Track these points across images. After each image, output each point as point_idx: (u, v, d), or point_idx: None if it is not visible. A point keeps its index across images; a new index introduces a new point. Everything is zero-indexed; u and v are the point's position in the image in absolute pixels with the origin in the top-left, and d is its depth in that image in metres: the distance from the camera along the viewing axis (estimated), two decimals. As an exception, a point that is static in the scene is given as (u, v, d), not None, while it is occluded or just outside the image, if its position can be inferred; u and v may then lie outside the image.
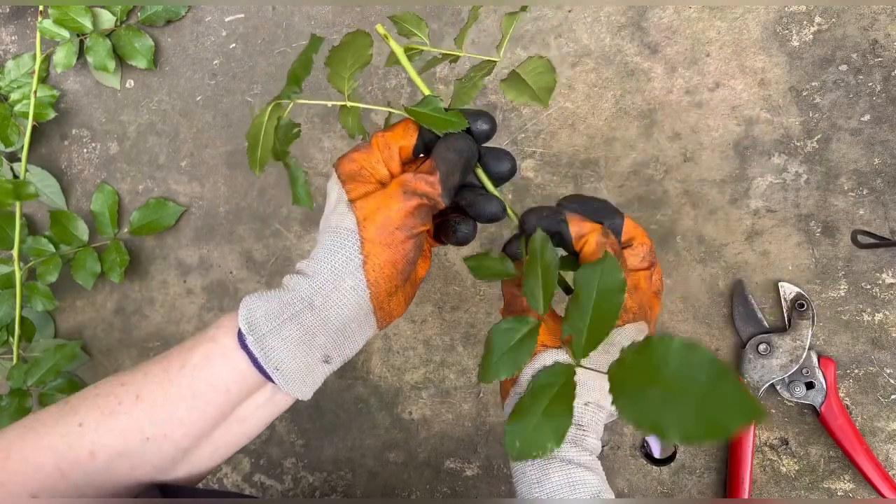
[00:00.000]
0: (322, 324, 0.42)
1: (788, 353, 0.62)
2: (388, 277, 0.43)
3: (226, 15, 0.75)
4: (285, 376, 0.43)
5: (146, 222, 0.76)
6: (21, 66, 0.78)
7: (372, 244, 0.42)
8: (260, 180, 0.75)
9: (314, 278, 0.42)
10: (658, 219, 0.66)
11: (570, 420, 0.38)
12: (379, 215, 0.42)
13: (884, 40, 0.61)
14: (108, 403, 0.43)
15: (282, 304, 0.42)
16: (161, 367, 0.44)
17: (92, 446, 0.42)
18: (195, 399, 0.43)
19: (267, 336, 0.42)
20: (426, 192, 0.43)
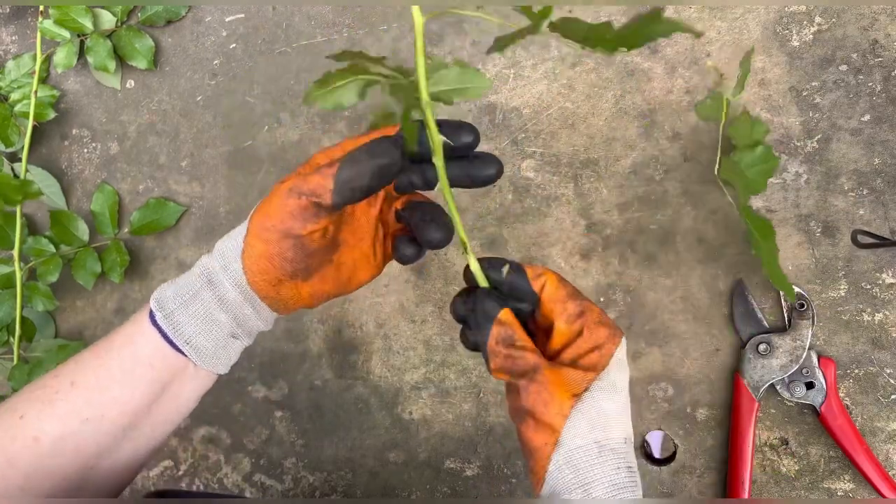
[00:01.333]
0: (219, 301, 0.45)
1: (788, 353, 0.62)
2: (262, 270, 0.44)
3: (226, 15, 0.75)
4: (198, 351, 0.45)
5: (146, 222, 0.76)
6: (21, 67, 0.78)
7: (251, 236, 0.44)
8: (260, 180, 0.75)
9: (213, 256, 0.45)
10: (658, 219, 0.66)
11: None
12: (260, 210, 0.44)
13: (884, 40, 0.61)
14: (45, 394, 0.46)
15: (187, 282, 0.45)
16: (91, 353, 0.47)
17: (34, 433, 0.44)
18: (124, 377, 0.45)
19: (174, 312, 0.44)
20: (314, 189, 0.42)
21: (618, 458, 0.41)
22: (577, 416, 0.41)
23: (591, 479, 0.40)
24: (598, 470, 0.40)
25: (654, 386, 0.67)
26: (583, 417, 0.41)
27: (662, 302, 0.66)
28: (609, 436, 0.41)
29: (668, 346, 0.66)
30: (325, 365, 0.74)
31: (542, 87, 0.68)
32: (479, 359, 0.71)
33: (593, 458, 0.41)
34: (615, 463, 0.40)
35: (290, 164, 0.74)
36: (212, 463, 0.78)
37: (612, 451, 0.41)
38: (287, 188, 0.42)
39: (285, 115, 0.74)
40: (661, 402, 0.67)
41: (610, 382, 0.42)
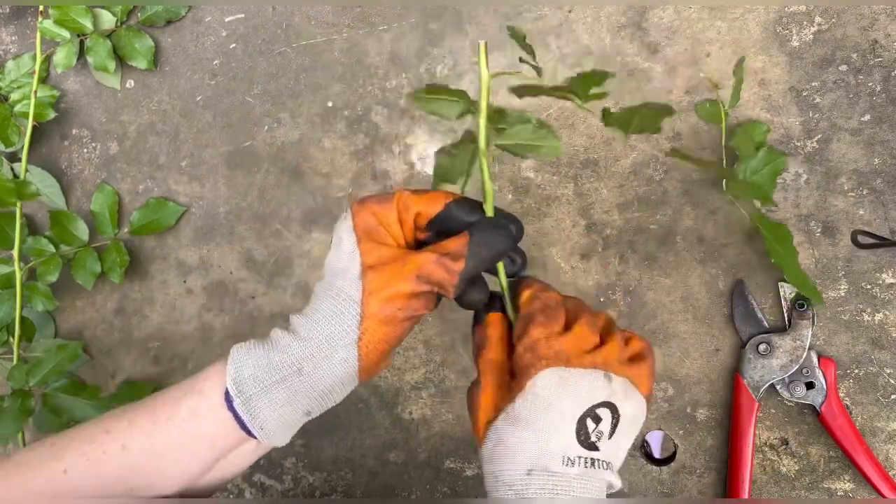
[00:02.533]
0: (308, 389, 0.43)
1: (788, 353, 0.62)
2: (379, 353, 0.43)
3: (226, 15, 0.75)
4: (268, 433, 0.44)
5: (146, 222, 0.76)
6: (21, 67, 0.78)
7: (371, 321, 0.42)
8: (260, 180, 0.75)
9: (306, 343, 0.42)
10: (658, 219, 0.66)
11: None
12: (385, 294, 0.42)
13: (884, 40, 0.61)
14: (92, 451, 0.43)
15: (271, 365, 0.43)
16: (148, 417, 0.44)
17: (76, 493, 0.43)
18: (181, 451, 0.43)
19: (254, 398, 0.43)
20: (441, 280, 0.42)
21: (508, 489, 0.41)
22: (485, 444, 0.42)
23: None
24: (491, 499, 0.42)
25: (655, 386, 0.67)
26: (485, 448, 0.42)
27: (662, 302, 0.66)
28: (503, 468, 0.41)
29: (668, 346, 0.66)
30: (325, 365, 0.74)
31: (542, 87, 0.68)
32: (479, 359, 0.71)
33: (490, 487, 0.42)
34: (504, 494, 0.41)
35: (290, 165, 0.74)
36: (212, 463, 0.77)
37: (504, 483, 0.41)
38: (414, 276, 0.42)
39: (285, 114, 0.74)
40: (661, 402, 0.67)
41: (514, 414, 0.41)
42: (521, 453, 0.41)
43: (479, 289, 0.46)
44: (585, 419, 0.41)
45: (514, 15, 0.68)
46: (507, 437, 0.41)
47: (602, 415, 0.41)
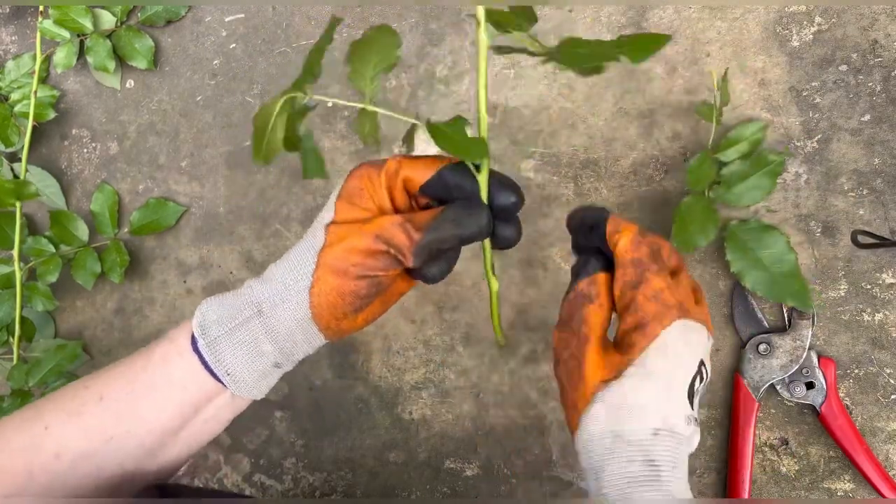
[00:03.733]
0: (268, 332, 0.43)
1: (788, 353, 0.62)
2: (331, 304, 0.43)
3: (226, 15, 0.75)
4: (237, 382, 0.44)
5: (146, 222, 0.76)
6: (21, 67, 0.78)
7: (324, 270, 0.42)
8: (260, 180, 0.75)
9: (267, 285, 0.43)
10: (658, 219, 0.66)
11: None
12: (341, 245, 0.42)
13: (884, 40, 0.61)
14: (72, 405, 0.44)
15: (234, 308, 0.43)
16: (125, 367, 0.45)
17: (57, 448, 0.43)
18: (154, 396, 0.44)
19: (218, 340, 0.43)
20: (399, 245, 0.42)
21: (633, 450, 0.39)
22: (598, 404, 0.40)
23: (602, 468, 0.40)
24: (609, 460, 0.40)
25: (654, 386, 0.67)
26: (603, 406, 0.40)
27: (662, 302, 0.66)
28: (628, 427, 0.39)
29: (668, 346, 0.66)
30: (325, 365, 0.74)
31: (542, 87, 0.68)
32: (479, 359, 0.71)
33: (605, 449, 0.40)
34: (629, 455, 0.39)
35: (290, 164, 0.74)
36: (211, 463, 0.77)
37: (628, 442, 0.39)
38: (373, 235, 0.42)
39: (285, 115, 0.74)
40: (661, 402, 0.67)
41: (645, 370, 0.40)
42: (651, 410, 0.39)
43: (441, 264, 0.45)
44: (696, 376, 0.41)
45: (514, 15, 0.68)
46: (635, 392, 0.40)
47: (703, 371, 0.41)
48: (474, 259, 0.70)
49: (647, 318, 0.41)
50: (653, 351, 0.40)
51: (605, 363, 0.41)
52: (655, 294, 0.41)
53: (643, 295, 0.41)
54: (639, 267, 0.42)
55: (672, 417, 0.40)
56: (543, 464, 0.70)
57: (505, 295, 0.69)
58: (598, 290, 0.43)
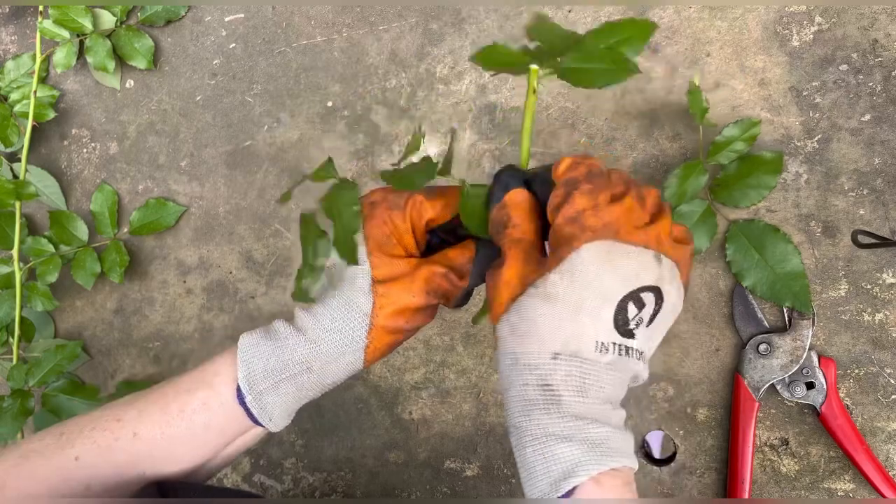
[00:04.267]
0: (315, 384, 0.45)
1: (789, 353, 0.62)
2: (382, 354, 0.45)
3: (226, 15, 0.75)
4: (276, 423, 0.46)
5: (146, 222, 0.76)
6: (21, 67, 0.78)
7: (379, 331, 0.43)
8: (260, 180, 0.75)
9: (316, 346, 0.44)
10: (658, 219, 0.66)
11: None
12: (393, 308, 0.43)
13: (884, 40, 0.61)
14: (104, 439, 0.44)
15: (281, 363, 0.44)
16: (158, 407, 0.45)
17: (88, 480, 0.44)
18: (192, 440, 0.45)
19: (264, 393, 0.44)
20: (445, 294, 0.44)
21: (530, 373, 0.38)
22: (504, 322, 0.39)
23: (506, 389, 0.39)
24: (510, 383, 0.39)
25: (654, 386, 0.67)
26: (506, 324, 0.39)
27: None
28: (526, 349, 0.38)
29: (668, 346, 0.66)
30: (324, 365, 0.74)
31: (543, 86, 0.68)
32: (478, 359, 0.71)
33: (507, 370, 0.39)
34: (524, 379, 0.38)
35: (290, 164, 0.74)
36: (211, 463, 0.77)
37: (526, 365, 0.38)
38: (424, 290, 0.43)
39: (285, 114, 0.74)
40: (661, 402, 0.67)
41: (545, 290, 0.37)
42: (550, 333, 0.37)
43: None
44: (627, 302, 0.37)
45: (514, 15, 0.68)
46: (535, 313, 0.38)
47: (646, 299, 0.38)
48: (474, 259, 0.70)
49: (560, 239, 0.38)
50: (556, 273, 0.37)
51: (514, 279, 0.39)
52: (576, 215, 0.38)
53: (562, 216, 0.38)
54: (567, 187, 0.39)
55: (575, 342, 0.37)
56: (543, 464, 0.70)
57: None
58: (508, 211, 0.41)
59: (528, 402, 0.38)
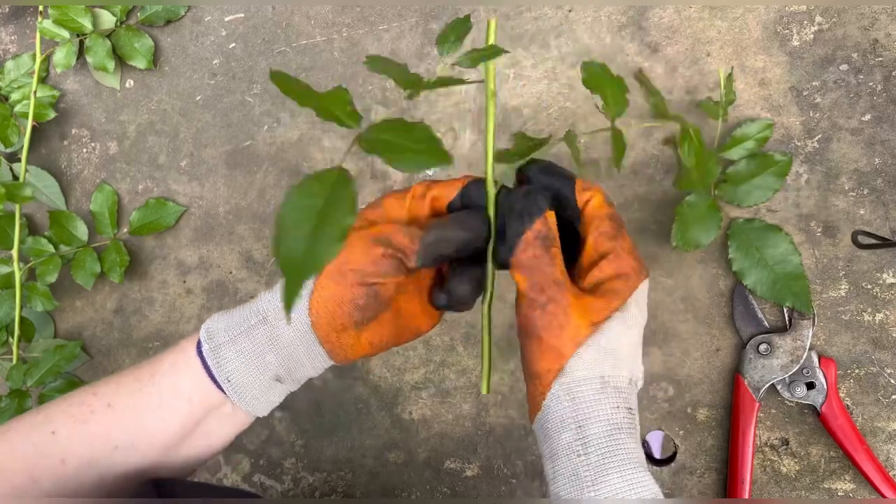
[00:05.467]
0: (271, 341, 0.43)
1: (789, 353, 0.62)
2: (330, 313, 0.42)
3: (225, 15, 0.75)
4: (237, 390, 0.43)
5: (146, 222, 0.76)
6: (21, 67, 0.78)
7: (324, 278, 0.42)
8: (260, 180, 0.75)
9: (274, 294, 0.43)
10: (658, 219, 0.66)
11: None
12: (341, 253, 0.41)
13: (884, 40, 0.61)
14: (80, 412, 0.44)
15: (241, 317, 0.43)
16: (133, 376, 0.45)
17: (63, 455, 0.43)
18: (161, 407, 0.44)
19: (222, 346, 0.43)
20: (398, 244, 0.41)
21: (619, 396, 0.39)
22: (589, 347, 0.39)
23: (589, 415, 0.39)
24: (598, 407, 0.39)
25: (654, 386, 0.67)
26: (593, 349, 0.39)
27: (662, 302, 0.66)
28: (616, 373, 0.39)
29: (668, 346, 0.66)
30: (324, 365, 0.74)
31: (542, 87, 0.68)
32: (478, 359, 0.70)
33: (594, 394, 0.39)
34: (616, 402, 0.39)
35: (289, 164, 0.74)
36: (211, 463, 0.77)
37: (616, 388, 0.39)
38: (373, 236, 0.42)
39: (285, 114, 0.73)
40: (661, 402, 0.67)
41: (630, 316, 0.40)
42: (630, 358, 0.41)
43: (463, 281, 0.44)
44: None
45: (515, 15, 0.68)
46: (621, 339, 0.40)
47: None
48: (474, 259, 0.70)
49: (629, 270, 0.41)
50: (633, 302, 0.41)
51: (590, 308, 0.40)
52: (631, 249, 0.42)
53: (622, 248, 0.42)
54: (615, 221, 0.43)
55: (637, 370, 0.41)
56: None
57: (505, 295, 0.69)
58: (553, 230, 0.42)
59: (614, 425, 0.39)
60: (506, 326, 0.69)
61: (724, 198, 0.62)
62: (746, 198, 0.61)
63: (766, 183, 0.61)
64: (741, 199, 0.61)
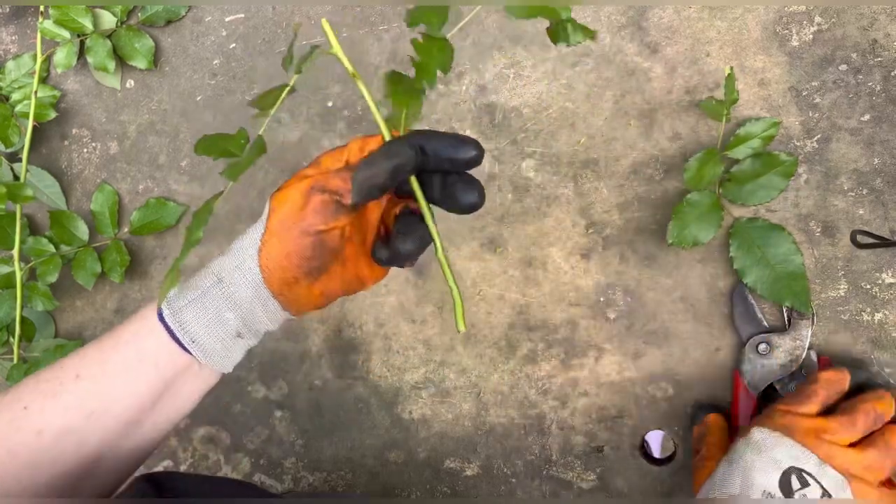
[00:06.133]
0: (227, 298, 0.45)
1: (788, 353, 0.62)
2: (281, 267, 0.44)
3: (226, 15, 0.75)
4: (203, 350, 0.45)
5: (146, 222, 0.76)
6: (21, 67, 0.78)
7: (270, 234, 0.44)
8: (260, 180, 0.75)
9: (227, 255, 0.45)
10: (658, 219, 0.66)
11: None
12: (282, 208, 0.44)
13: (883, 40, 0.61)
14: (50, 386, 0.46)
15: (196, 280, 0.45)
16: (96, 347, 0.47)
17: (38, 426, 0.44)
18: (128, 373, 0.45)
19: (182, 310, 0.45)
20: (335, 188, 0.43)
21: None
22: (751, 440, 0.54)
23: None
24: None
25: (654, 386, 0.67)
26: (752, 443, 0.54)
27: (662, 302, 0.66)
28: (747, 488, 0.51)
29: (668, 345, 0.66)
30: (325, 365, 0.74)
31: (542, 86, 0.68)
32: (478, 359, 0.71)
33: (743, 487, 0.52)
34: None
35: (290, 164, 0.74)
36: (212, 463, 0.78)
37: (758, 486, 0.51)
38: (308, 186, 0.43)
39: (285, 115, 0.74)
40: (661, 402, 0.67)
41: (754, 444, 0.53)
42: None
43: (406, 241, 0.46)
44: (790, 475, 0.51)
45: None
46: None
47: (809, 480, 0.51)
48: (474, 259, 0.70)
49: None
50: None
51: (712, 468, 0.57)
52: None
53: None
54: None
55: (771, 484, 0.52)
56: (543, 464, 0.70)
57: (505, 295, 0.69)
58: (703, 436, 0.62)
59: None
60: (505, 326, 0.70)
61: (728, 196, 0.62)
62: (751, 197, 0.61)
63: (772, 183, 0.61)
64: (745, 198, 0.61)
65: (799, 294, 0.60)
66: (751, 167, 0.61)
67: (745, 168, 0.61)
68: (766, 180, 0.61)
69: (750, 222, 0.61)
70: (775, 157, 0.61)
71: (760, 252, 0.61)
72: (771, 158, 0.61)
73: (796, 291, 0.60)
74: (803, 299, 0.60)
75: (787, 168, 0.61)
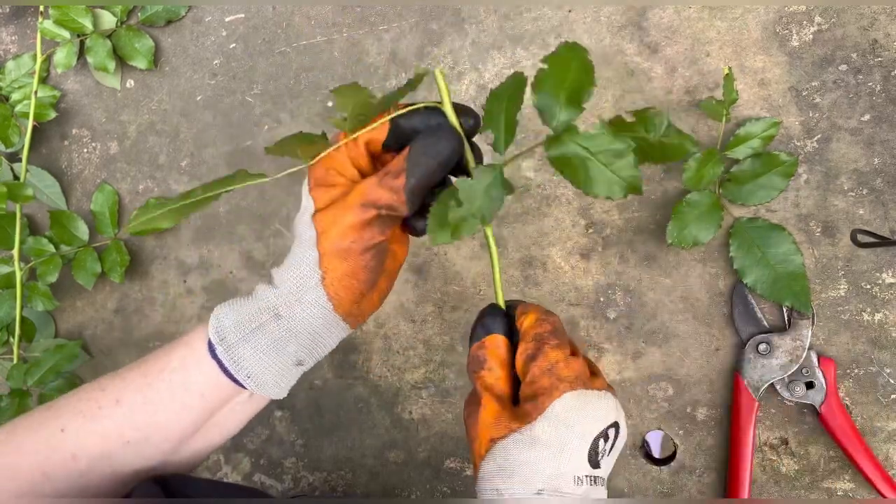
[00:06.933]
0: (290, 333, 0.44)
1: (788, 353, 0.62)
2: (348, 289, 0.43)
3: (226, 15, 0.75)
4: (258, 382, 0.44)
5: (146, 222, 0.76)
6: (21, 67, 0.78)
7: (329, 258, 0.43)
8: (260, 180, 0.75)
9: (279, 289, 0.44)
10: (658, 219, 0.66)
11: None
12: (334, 229, 0.42)
13: (884, 40, 0.61)
14: (88, 408, 0.44)
15: (250, 313, 0.44)
16: (140, 371, 0.45)
17: (74, 450, 0.44)
18: (173, 403, 0.44)
19: (236, 345, 0.43)
20: (388, 202, 0.42)
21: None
22: (489, 460, 0.42)
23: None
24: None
25: (654, 386, 0.67)
26: (492, 463, 0.42)
27: (662, 302, 0.66)
28: (508, 486, 0.41)
29: (668, 345, 0.66)
30: (325, 365, 0.74)
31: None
32: (478, 359, 0.71)
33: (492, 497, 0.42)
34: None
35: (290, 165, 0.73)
36: (212, 462, 0.78)
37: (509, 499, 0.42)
38: (359, 204, 0.42)
39: (285, 114, 0.74)
40: (661, 402, 0.67)
41: (531, 435, 0.42)
42: (534, 473, 0.41)
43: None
44: (598, 439, 0.42)
45: (514, 15, 0.68)
46: (521, 456, 0.41)
47: (610, 434, 0.43)
48: (474, 259, 0.70)
49: (539, 391, 0.43)
50: (541, 420, 0.42)
51: (498, 424, 0.43)
52: (550, 367, 0.43)
53: (538, 367, 0.43)
54: (538, 341, 0.44)
55: (556, 479, 0.41)
56: (543, 463, 0.70)
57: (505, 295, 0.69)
58: (486, 354, 0.45)
59: None
60: (506, 326, 0.70)
61: (728, 196, 0.62)
62: (751, 197, 0.61)
63: (772, 183, 0.61)
64: (745, 198, 0.61)
65: (799, 294, 0.60)
66: (751, 167, 0.61)
67: (745, 168, 0.61)
68: (766, 180, 0.61)
69: (750, 222, 0.61)
70: (775, 157, 0.61)
71: (760, 252, 0.61)
72: (771, 158, 0.61)
73: (796, 291, 0.60)
74: (803, 299, 0.60)
75: (787, 168, 0.61)
